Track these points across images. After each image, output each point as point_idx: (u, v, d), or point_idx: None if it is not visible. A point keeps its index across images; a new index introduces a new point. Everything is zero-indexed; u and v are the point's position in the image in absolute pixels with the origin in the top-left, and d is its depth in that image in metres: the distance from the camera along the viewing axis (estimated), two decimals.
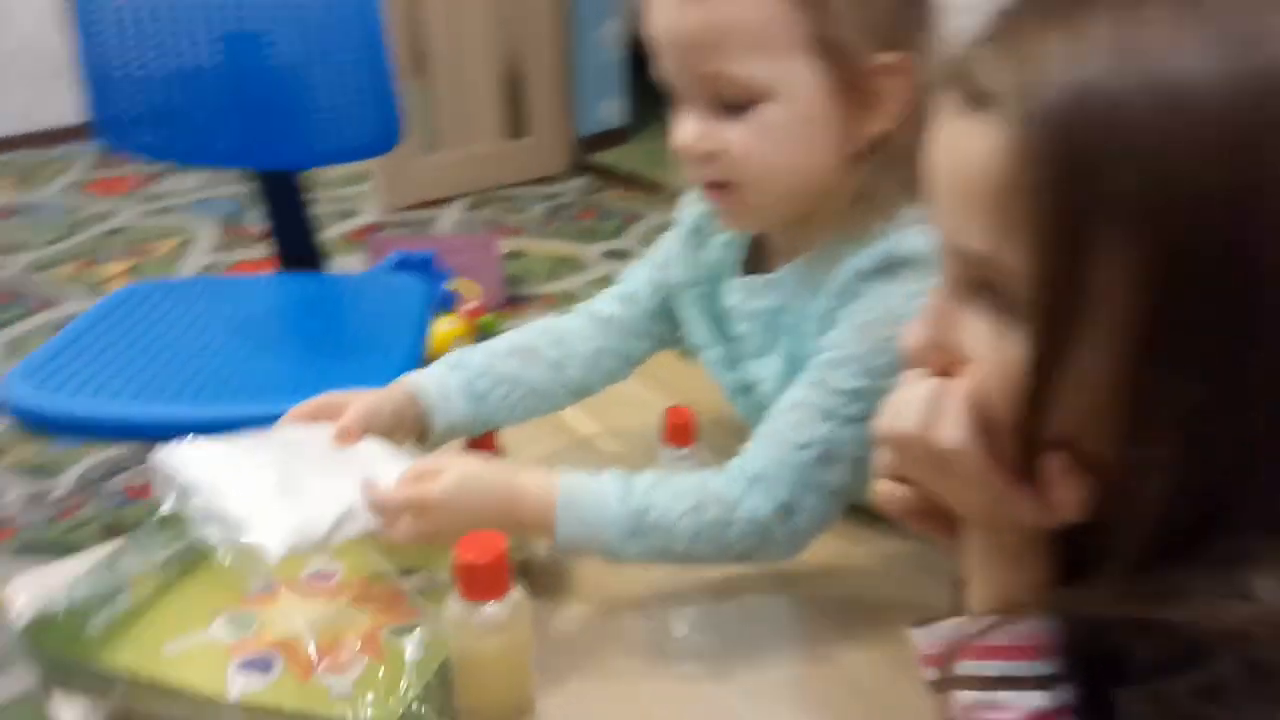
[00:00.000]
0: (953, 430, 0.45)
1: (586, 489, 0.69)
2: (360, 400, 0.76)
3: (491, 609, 0.59)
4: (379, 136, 1.49)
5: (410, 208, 3.39)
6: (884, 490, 0.52)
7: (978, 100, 0.40)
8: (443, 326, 2.25)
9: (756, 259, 0.82)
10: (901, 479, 0.52)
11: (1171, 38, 0.36)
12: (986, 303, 0.43)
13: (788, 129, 0.67)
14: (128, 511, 1.79)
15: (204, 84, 1.42)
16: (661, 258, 0.90)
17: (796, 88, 0.66)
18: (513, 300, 2.67)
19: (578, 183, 3.72)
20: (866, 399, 0.67)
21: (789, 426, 0.70)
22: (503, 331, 0.90)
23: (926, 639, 0.53)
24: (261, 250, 2.17)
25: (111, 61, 1.38)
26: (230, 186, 3.28)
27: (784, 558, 0.72)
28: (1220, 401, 0.38)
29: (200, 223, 3.19)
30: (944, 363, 0.47)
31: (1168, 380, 0.38)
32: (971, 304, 0.44)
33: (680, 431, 0.92)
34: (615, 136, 4.05)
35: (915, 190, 0.69)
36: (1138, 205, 0.36)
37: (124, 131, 1.42)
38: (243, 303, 1.42)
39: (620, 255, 3.05)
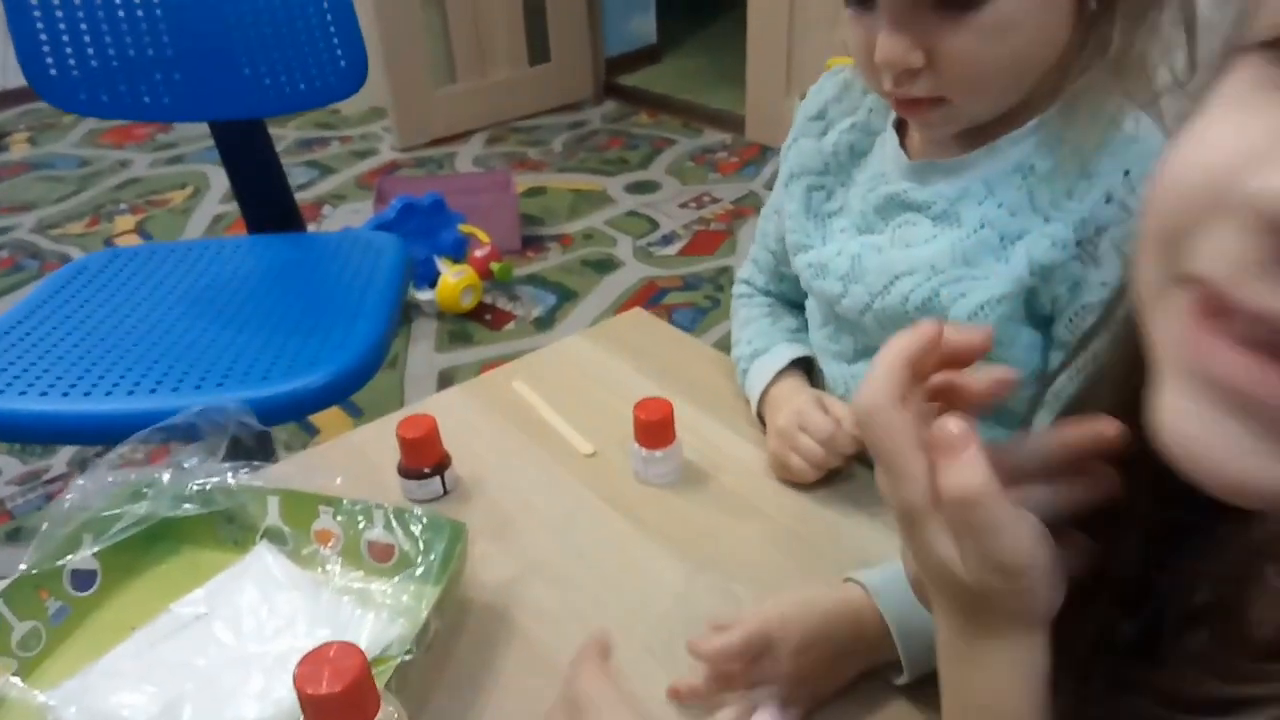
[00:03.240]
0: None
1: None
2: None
3: None
4: (344, 75, 1.33)
5: (428, 144, 3.24)
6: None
7: None
8: (451, 276, 2.10)
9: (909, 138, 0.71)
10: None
11: None
12: None
13: (1026, 21, 0.55)
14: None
15: (141, 31, 1.27)
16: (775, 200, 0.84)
17: None
18: (529, 242, 2.51)
19: (604, 109, 3.51)
20: None
21: None
22: (516, 280, 0.74)
23: None
24: None
25: (37, 14, 1.23)
26: None
27: None
28: None
29: (214, 170, 3.08)
30: None
31: None
32: None
33: (655, 430, 0.77)
34: (646, 56, 3.83)
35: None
36: None
37: (65, 91, 1.28)
38: (203, 273, 1.29)
39: (648, 188, 2.86)
